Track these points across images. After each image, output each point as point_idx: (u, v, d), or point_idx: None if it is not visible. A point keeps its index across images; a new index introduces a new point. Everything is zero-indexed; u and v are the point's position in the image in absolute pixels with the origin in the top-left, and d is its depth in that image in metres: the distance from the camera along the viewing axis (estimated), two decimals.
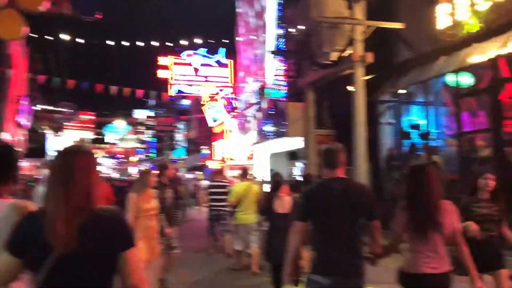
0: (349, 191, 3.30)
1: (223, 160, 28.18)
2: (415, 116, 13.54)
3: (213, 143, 32.28)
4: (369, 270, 3.40)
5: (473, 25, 10.19)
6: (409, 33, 12.33)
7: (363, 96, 11.62)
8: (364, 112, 11.59)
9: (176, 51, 38.80)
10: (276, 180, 6.07)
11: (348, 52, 12.02)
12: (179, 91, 39.12)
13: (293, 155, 19.32)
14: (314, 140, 14.33)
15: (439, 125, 12.99)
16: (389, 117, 13.78)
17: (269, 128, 21.25)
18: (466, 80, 11.26)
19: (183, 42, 35.77)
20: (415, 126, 12.97)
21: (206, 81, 39.08)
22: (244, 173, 9.14)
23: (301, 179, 10.98)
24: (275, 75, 21.49)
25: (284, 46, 18.73)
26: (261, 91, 22.10)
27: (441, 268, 3.37)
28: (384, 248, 3.44)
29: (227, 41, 38.34)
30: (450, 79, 12.37)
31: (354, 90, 11.93)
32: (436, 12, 11.22)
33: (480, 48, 9.98)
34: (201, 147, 37.54)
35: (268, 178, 12.80)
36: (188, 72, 39.30)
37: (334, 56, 12.54)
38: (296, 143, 17.19)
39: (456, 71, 10.94)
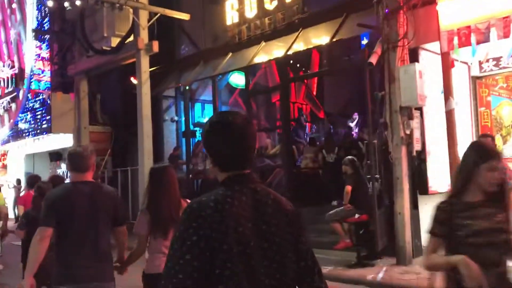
0: (96, 195, 3.25)
1: None
2: (200, 113, 13.09)
3: None
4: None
5: (261, 23, 10.16)
6: (197, 26, 11.79)
7: (148, 89, 10.55)
8: (149, 106, 10.53)
9: None
10: (39, 186, 5.17)
11: (130, 39, 10.78)
12: None
13: (57, 155, 16.92)
14: (87, 137, 12.54)
15: None
16: (172, 113, 12.99)
17: (25, 124, 18.11)
18: (249, 79, 11.27)
19: None
20: (199, 124, 12.49)
21: None
22: None
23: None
24: (37, 60, 18.41)
25: (49, 26, 16.04)
26: (18, 79, 18.67)
27: None
28: (130, 254, 3.43)
29: None
30: (235, 77, 12.29)
31: (137, 82, 10.75)
32: (225, 8, 10.90)
33: (267, 47, 10.01)
34: None
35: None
36: None
37: (114, 42, 11.12)
38: (63, 141, 14.95)
39: (242, 70, 10.82)
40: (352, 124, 10.63)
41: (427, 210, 5.06)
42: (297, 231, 1.65)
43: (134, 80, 11.16)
